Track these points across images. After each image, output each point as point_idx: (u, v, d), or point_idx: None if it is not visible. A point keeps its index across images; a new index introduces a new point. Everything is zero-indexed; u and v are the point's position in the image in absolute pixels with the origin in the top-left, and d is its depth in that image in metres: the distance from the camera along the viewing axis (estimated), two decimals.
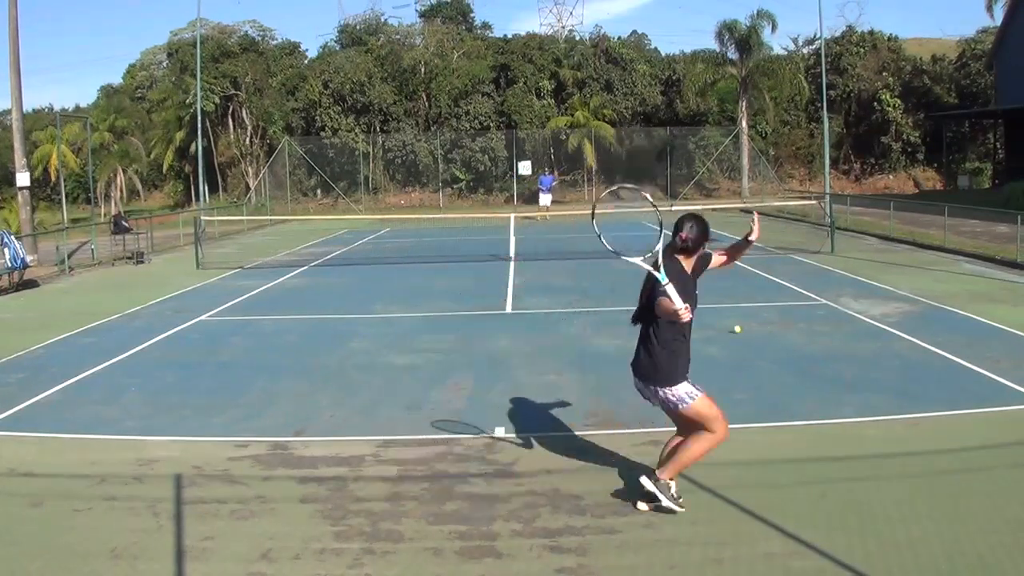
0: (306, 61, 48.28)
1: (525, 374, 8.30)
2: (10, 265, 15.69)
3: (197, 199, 36.47)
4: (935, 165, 42.63)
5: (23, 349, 9.96)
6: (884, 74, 43.04)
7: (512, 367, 8.62)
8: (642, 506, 4.91)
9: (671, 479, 4.86)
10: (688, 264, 4.92)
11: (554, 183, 34.16)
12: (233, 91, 42.82)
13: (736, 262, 5.41)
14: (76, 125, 39.70)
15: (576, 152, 40.65)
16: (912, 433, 6.28)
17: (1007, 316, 10.46)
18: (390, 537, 4.67)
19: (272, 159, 39.77)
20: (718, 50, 39.30)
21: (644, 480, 4.86)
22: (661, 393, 4.76)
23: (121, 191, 41.90)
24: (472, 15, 53.14)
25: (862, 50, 43.79)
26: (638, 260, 4.92)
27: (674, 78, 43.52)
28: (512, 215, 22.20)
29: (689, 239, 4.86)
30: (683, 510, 4.81)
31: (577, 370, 8.39)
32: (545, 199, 32.48)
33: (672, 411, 4.84)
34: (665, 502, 4.80)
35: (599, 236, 5.09)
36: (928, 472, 5.48)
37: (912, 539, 4.46)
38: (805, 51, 45.33)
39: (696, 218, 4.96)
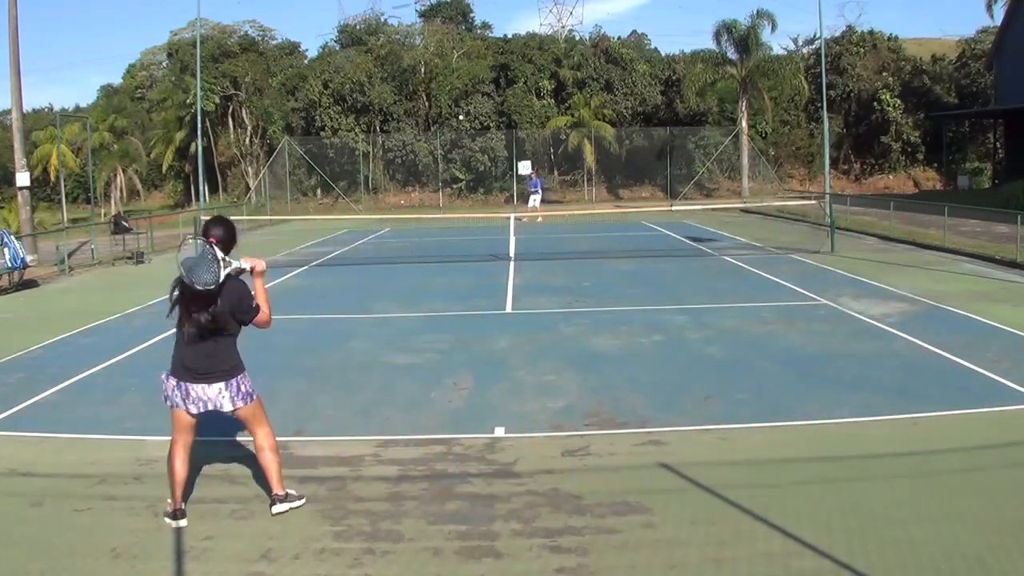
0: (306, 61, 48.32)
1: (525, 374, 8.30)
2: (10, 265, 15.67)
3: (197, 199, 36.45)
4: (935, 165, 42.64)
5: (23, 349, 9.96)
6: (884, 74, 43.07)
7: (512, 367, 8.61)
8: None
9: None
10: None
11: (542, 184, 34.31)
12: (233, 91, 42.82)
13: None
14: (76, 125, 39.70)
15: (576, 152, 40.66)
16: (912, 433, 6.28)
17: (1007, 316, 10.46)
18: (390, 537, 4.67)
19: (272, 159, 39.76)
20: (717, 50, 39.31)
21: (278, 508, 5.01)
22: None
23: (121, 191, 41.92)
24: (472, 15, 53.28)
25: (862, 50, 43.82)
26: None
27: (674, 78, 43.52)
28: (512, 215, 22.18)
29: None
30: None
31: (577, 370, 8.38)
32: (536, 200, 32.38)
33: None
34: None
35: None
36: (928, 472, 5.47)
37: (912, 539, 4.46)
38: (805, 51, 45.36)
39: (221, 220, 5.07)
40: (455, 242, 23.14)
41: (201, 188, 32.74)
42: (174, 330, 4.94)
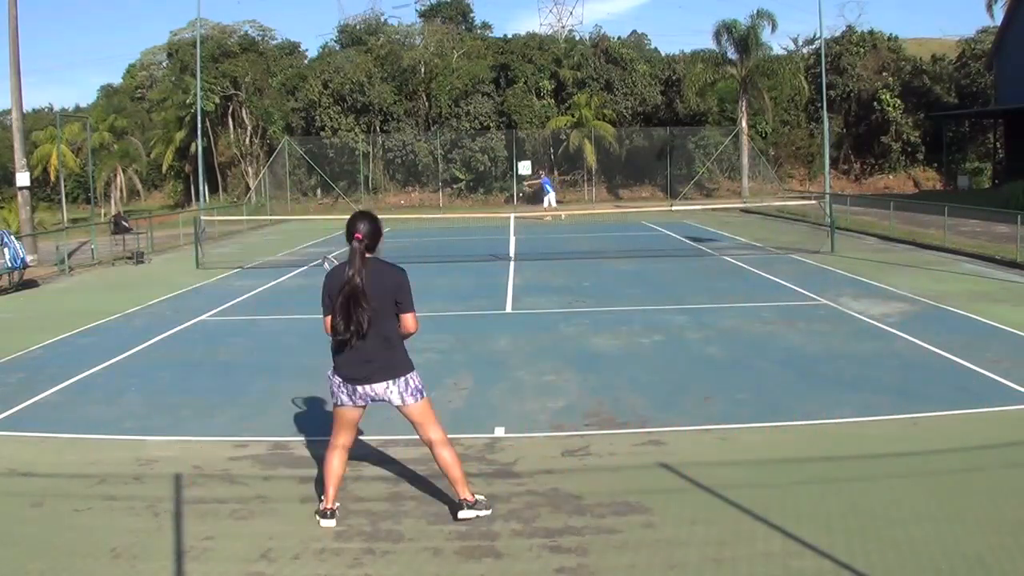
0: (306, 61, 48.34)
1: (525, 374, 8.30)
2: (10, 265, 15.67)
3: (197, 199, 36.46)
4: (935, 165, 42.64)
5: (23, 349, 9.96)
6: (884, 74, 43.07)
7: (512, 367, 8.62)
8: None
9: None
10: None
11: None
12: (233, 91, 42.82)
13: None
14: (76, 125, 39.70)
15: (576, 152, 40.66)
16: (912, 433, 6.28)
17: (1007, 316, 10.46)
18: (390, 537, 4.67)
19: (272, 159, 39.75)
20: (717, 50, 39.32)
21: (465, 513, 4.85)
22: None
23: (121, 191, 41.94)
24: (472, 15, 53.30)
25: (862, 50, 43.83)
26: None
27: (674, 78, 43.53)
28: (512, 215, 22.18)
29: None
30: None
31: (577, 370, 8.38)
32: (550, 199, 32.54)
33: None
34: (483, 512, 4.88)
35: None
36: (928, 472, 5.47)
37: (912, 539, 4.46)
38: (805, 51, 45.38)
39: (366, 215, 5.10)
40: (455, 242, 23.14)
41: (201, 188, 32.78)
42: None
